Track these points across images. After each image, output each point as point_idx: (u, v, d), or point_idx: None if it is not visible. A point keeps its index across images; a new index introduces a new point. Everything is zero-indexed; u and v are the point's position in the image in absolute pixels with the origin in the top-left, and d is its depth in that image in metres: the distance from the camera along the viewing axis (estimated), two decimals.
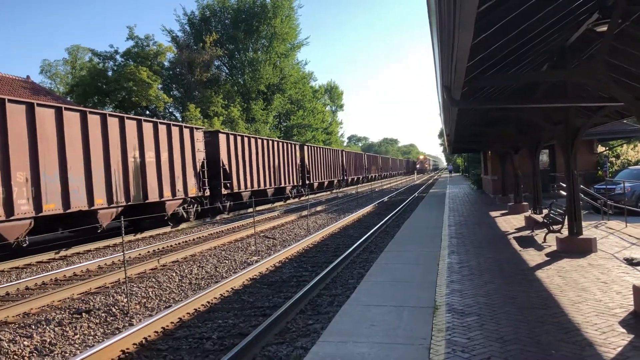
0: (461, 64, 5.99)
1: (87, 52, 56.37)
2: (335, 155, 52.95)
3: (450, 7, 4.31)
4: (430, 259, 10.97)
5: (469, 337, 5.95)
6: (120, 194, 17.94)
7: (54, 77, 63.56)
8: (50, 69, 63.77)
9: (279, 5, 55.68)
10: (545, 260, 10.28)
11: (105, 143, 17.40)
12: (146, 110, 44.22)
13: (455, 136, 21.67)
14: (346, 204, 33.24)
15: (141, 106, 42.41)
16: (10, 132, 13.90)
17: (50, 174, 14.98)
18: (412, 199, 34.42)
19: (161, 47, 44.85)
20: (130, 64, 41.63)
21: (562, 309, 6.94)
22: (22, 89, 33.23)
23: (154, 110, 44.81)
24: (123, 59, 43.12)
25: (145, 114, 43.67)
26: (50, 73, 63.74)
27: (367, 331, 6.36)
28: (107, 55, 43.53)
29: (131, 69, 39.74)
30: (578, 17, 8.32)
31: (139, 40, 43.89)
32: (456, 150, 41.81)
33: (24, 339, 7.80)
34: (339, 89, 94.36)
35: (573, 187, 11.16)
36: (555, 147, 26.74)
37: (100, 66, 43.83)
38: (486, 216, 19.19)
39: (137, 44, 43.74)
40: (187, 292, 10.43)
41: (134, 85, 39.23)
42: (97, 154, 16.96)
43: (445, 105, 10.90)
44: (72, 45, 74.87)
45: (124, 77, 39.45)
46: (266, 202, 33.67)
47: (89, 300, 10.02)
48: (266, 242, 16.97)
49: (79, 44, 67.38)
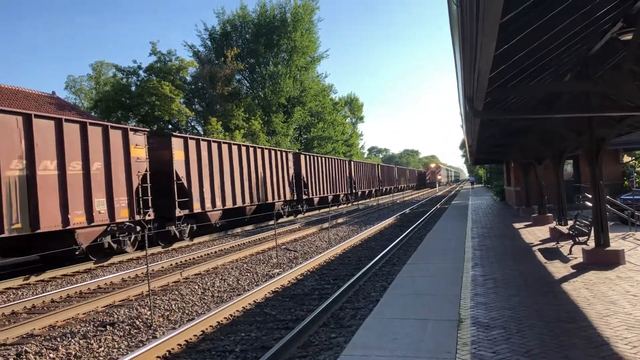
0: (484, 75, 5.97)
1: (110, 68, 57.50)
2: (342, 166, 47.04)
3: (473, 19, 4.30)
4: (454, 271, 10.85)
5: (494, 351, 5.86)
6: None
7: (78, 92, 64.82)
8: (74, 85, 65.11)
9: (299, 19, 56.14)
10: (571, 273, 10.10)
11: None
12: (169, 124, 44.77)
13: (478, 147, 21.52)
14: (367, 216, 33.12)
15: (164, 120, 42.93)
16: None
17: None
18: (433, 210, 34.19)
19: (183, 62, 45.42)
20: (153, 78, 42.21)
21: (590, 322, 6.80)
22: (47, 105, 33.91)
23: (177, 124, 45.34)
24: (146, 74, 43.75)
25: (168, 128, 44.20)
26: (74, 89, 65.06)
27: (391, 345, 6.30)
28: (131, 70, 44.20)
29: (154, 84, 40.28)
30: (602, 27, 8.23)
31: (162, 55, 44.52)
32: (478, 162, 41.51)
33: (50, 352, 7.89)
34: (359, 100, 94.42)
35: (599, 198, 10.97)
36: (580, 157, 26.39)
37: (124, 81, 44.51)
38: (510, 228, 18.96)
39: (159, 59, 44.37)
40: (210, 305, 10.46)
41: (156, 100, 39.72)
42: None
43: (467, 116, 10.84)
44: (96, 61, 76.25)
45: (147, 92, 39.98)
46: (250, 221, 28.43)
47: (113, 312, 10.10)
48: (287, 254, 16.97)
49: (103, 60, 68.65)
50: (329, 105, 70.87)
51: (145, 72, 44.08)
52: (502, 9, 4.09)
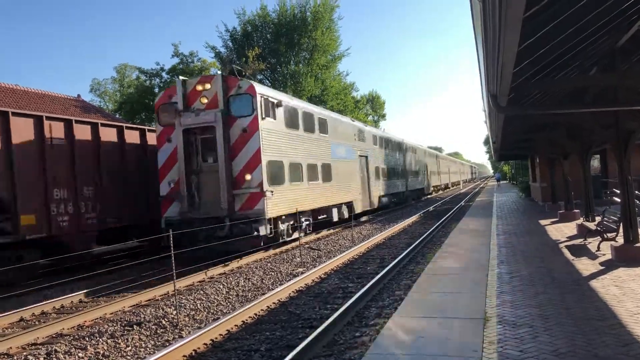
0: (507, 70, 5.89)
1: (134, 70, 58.05)
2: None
3: (496, 13, 4.25)
4: (479, 269, 10.75)
5: (521, 350, 5.78)
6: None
7: (102, 95, 65.72)
8: (99, 88, 65.99)
9: (320, 18, 56.06)
10: (599, 270, 9.92)
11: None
12: None
13: (502, 143, 21.28)
14: (390, 214, 32.97)
15: None
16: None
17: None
18: (458, 207, 33.90)
19: (205, 62, 45.70)
20: (175, 80, 42.54)
21: (620, 320, 6.67)
22: (73, 108, 34.44)
23: None
24: (169, 76, 44.10)
25: None
26: (99, 91, 65.95)
27: (417, 343, 6.27)
28: (154, 72, 44.61)
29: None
30: (628, 19, 8.06)
31: (184, 57, 44.85)
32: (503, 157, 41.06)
33: (79, 351, 8.02)
34: (380, 98, 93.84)
35: (628, 193, 10.76)
36: (607, 152, 25.89)
37: (147, 83, 44.97)
38: (536, 224, 18.71)
39: (182, 60, 44.71)
40: (235, 304, 10.53)
41: None
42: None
43: (491, 112, 10.73)
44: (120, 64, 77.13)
45: None
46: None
47: (139, 312, 10.23)
48: (311, 253, 16.98)
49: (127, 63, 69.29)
50: (351, 104, 70.55)
51: (168, 74, 44.48)
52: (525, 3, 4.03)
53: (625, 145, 10.60)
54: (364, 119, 74.95)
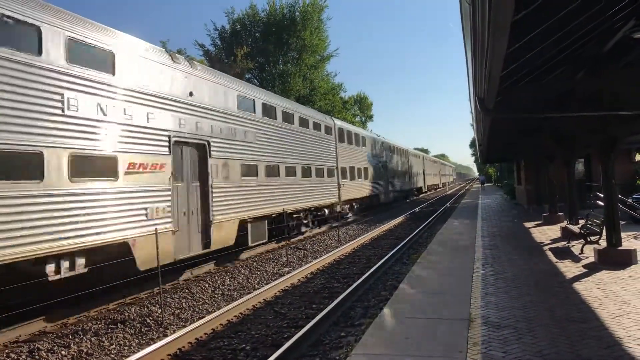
0: (495, 74, 5.94)
1: None
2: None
3: (485, 16, 4.28)
4: (464, 270, 10.81)
5: (505, 351, 5.83)
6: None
7: None
8: None
9: (308, 18, 56.07)
10: (583, 272, 10.03)
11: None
12: None
13: (488, 146, 21.42)
14: (376, 215, 33.04)
15: None
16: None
17: None
18: (443, 209, 34.07)
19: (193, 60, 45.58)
20: None
21: (602, 322, 6.75)
22: None
23: None
24: None
25: None
26: None
27: (402, 344, 6.30)
28: None
29: None
30: (614, 25, 8.16)
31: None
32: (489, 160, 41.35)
33: (62, 349, 7.95)
34: (368, 99, 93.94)
35: (611, 197, 10.89)
36: (592, 156, 26.17)
37: None
38: (520, 227, 18.85)
39: None
40: (220, 303, 10.50)
41: None
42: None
43: (477, 114, 10.80)
44: None
45: None
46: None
47: (124, 310, 10.16)
48: (297, 253, 16.98)
49: None
50: (339, 104, 70.61)
51: None
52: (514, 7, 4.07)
53: (610, 151, 10.72)
54: (351, 120, 75.10)
